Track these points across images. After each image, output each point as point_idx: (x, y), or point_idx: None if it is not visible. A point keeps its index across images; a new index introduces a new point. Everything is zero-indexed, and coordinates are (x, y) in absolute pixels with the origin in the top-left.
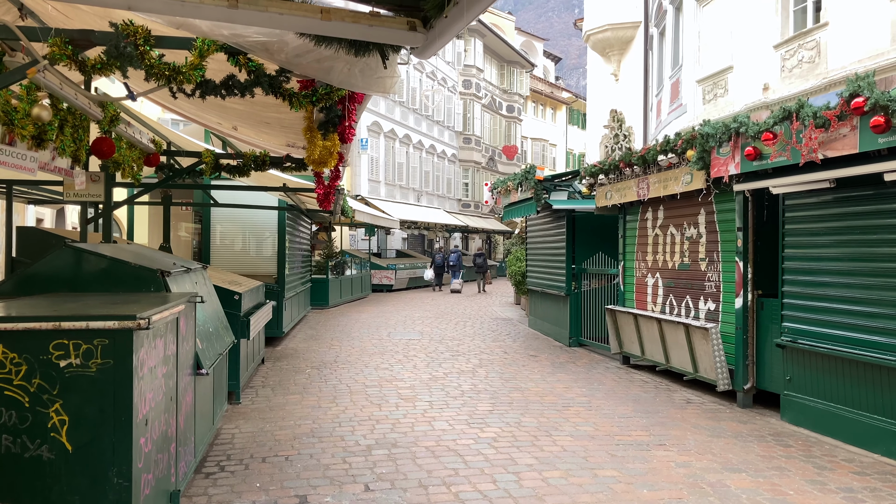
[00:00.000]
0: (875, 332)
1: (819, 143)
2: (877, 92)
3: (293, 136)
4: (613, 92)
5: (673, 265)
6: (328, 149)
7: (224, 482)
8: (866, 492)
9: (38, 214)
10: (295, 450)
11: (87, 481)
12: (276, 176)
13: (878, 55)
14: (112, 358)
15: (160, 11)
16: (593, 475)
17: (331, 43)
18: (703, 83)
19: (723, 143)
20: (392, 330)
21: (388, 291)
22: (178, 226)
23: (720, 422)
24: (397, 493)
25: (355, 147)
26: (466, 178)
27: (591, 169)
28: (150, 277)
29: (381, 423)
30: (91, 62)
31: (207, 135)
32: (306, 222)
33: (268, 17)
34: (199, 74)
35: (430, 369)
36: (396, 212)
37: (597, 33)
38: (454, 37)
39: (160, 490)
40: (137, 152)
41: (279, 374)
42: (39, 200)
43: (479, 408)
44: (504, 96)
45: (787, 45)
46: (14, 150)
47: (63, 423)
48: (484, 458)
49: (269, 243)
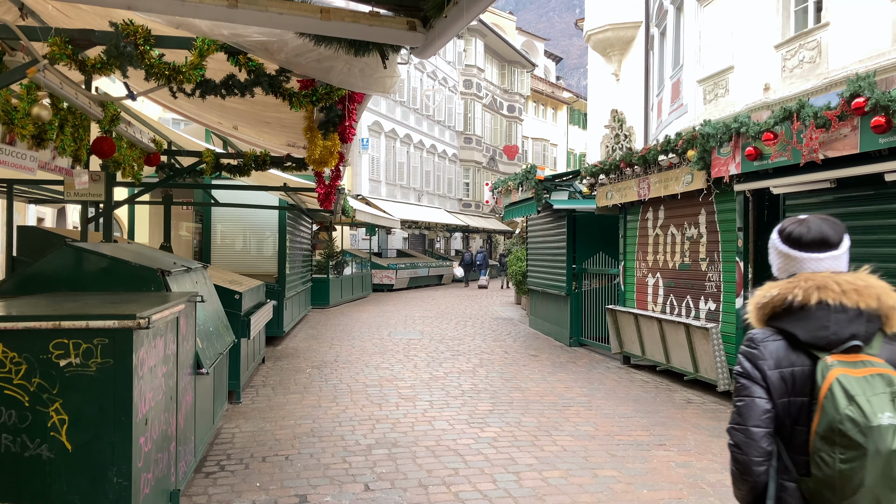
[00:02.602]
0: None
1: (820, 144)
2: (877, 92)
3: (294, 135)
4: (614, 92)
5: (673, 265)
6: (329, 148)
7: (224, 481)
8: None
9: (38, 214)
10: (295, 449)
11: (87, 480)
12: (276, 175)
13: (878, 55)
14: (112, 357)
15: (160, 11)
16: (593, 475)
17: (330, 43)
18: (704, 83)
19: (723, 143)
20: (392, 329)
21: (388, 291)
22: (179, 225)
23: (721, 422)
24: (397, 493)
25: (356, 147)
26: (467, 177)
27: (591, 169)
28: (151, 277)
29: (382, 423)
30: (91, 62)
31: (208, 134)
32: (307, 222)
33: (268, 17)
34: (199, 74)
35: (431, 369)
36: (397, 211)
37: (598, 33)
38: (454, 37)
39: (160, 489)
40: (138, 152)
41: (280, 374)
42: (40, 200)
43: (480, 407)
44: (505, 96)
45: (788, 46)
46: (14, 149)
47: (63, 423)
48: (484, 457)
49: (269, 243)
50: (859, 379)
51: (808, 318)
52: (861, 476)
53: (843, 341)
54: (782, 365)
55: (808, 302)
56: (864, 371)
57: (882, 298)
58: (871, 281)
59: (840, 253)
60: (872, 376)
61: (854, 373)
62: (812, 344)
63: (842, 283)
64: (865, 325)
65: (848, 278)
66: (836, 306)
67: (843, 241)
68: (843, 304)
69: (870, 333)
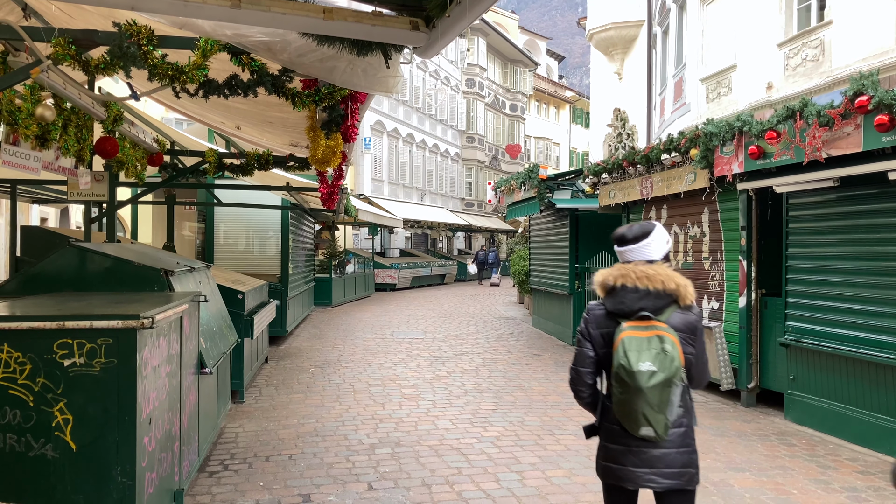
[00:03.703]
0: (879, 332)
1: (823, 142)
2: (881, 90)
3: (296, 135)
4: (617, 91)
5: (676, 264)
6: (331, 148)
7: (228, 481)
8: (870, 491)
9: (42, 214)
10: (298, 449)
11: (91, 480)
12: (279, 175)
13: (882, 53)
14: (116, 357)
15: (163, 11)
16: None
17: (333, 42)
18: (707, 82)
19: (726, 141)
20: (395, 329)
21: (391, 290)
22: (182, 225)
23: (724, 421)
24: (400, 492)
25: (359, 146)
26: (470, 177)
27: (594, 168)
28: (154, 277)
29: (385, 422)
30: (94, 62)
31: (211, 134)
32: (310, 221)
33: (270, 17)
34: (203, 74)
35: (434, 368)
36: (400, 211)
37: (600, 32)
38: (457, 36)
39: (164, 489)
40: (141, 152)
41: (283, 373)
42: (43, 200)
43: (483, 407)
44: (507, 95)
45: (791, 44)
46: (18, 149)
47: (67, 423)
48: (487, 456)
49: (272, 242)
50: (641, 339)
51: (615, 296)
52: (632, 403)
53: (634, 312)
54: (601, 327)
55: (615, 285)
56: (649, 333)
57: (665, 283)
58: (660, 271)
59: (636, 247)
60: (652, 337)
61: (640, 334)
62: (615, 313)
63: (637, 272)
64: (653, 301)
65: (642, 269)
66: (630, 288)
67: (643, 238)
68: (636, 286)
69: (658, 307)
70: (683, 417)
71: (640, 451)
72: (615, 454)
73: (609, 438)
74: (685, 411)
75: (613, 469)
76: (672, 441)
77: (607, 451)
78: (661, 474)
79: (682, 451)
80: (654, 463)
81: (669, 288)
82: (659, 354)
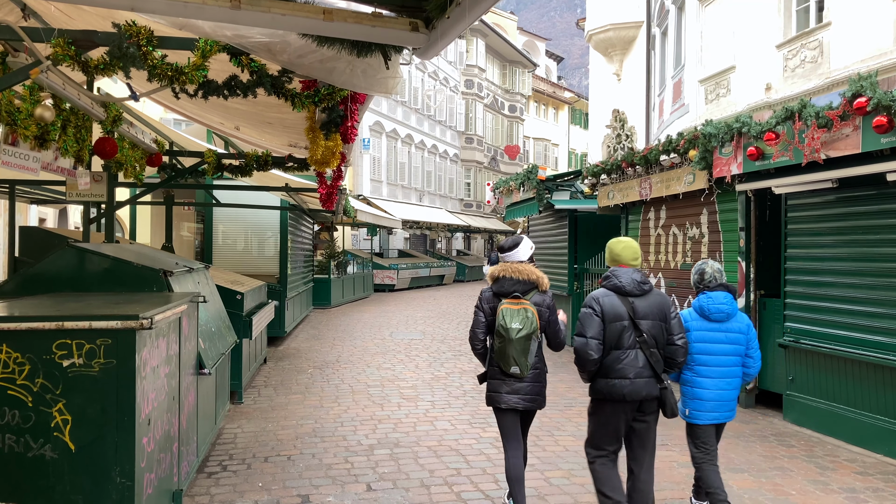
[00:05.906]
0: (877, 333)
1: (821, 143)
2: (879, 92)
3: (295, 136)
4: (616, 92)
5: (675, 265)
6: (330, 149)
7: (226, 481)
8: (869, 492)
9: (40, 214)
10: (297, 449)
11: (90, 480)
12: (278, 176)
13: (880, 55)
14: (115, 358)
15: (163, 12)
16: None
17: (333, 43)
18: (706, 83)
19: (725, 143)
20: (394, 330)
21: (390, 291)
22: (181, 226)
23: None
24: (399, 493)
25: (357, 147)
26: (468, 177)
27: (593, 169)
28: (153, 277)
29: (384, 423)
30: (94, 63)
31: (210, 135)
32: (308, 222)
33: (270, 18)
34: (202, 75)
35: (433, 369)
36: (398, 212)
37: (599, 33)
38: (456, 37)
39: (163, 489)
40: (140, 152)
41: (281, 374)
42: (42, 200)
43: (482, 407)
44: (506, 96)
45: (790, 45)
46: (17, 150)
47: (66, 423)
48: (486, 457)
49: (271, 243)
50: (513, 309)
51: (499, 283)
52: (506, 349)
53: (510, 293)
54: (489, 302)
55: (500, 276)
56: (518, 306)
57: (529, 275)
58: (527, 268)
59: (511, 253)
60: (520, 308)
61: (513, 306)
62: (499, 293)
63: (514, 268)
64: (522, 286)
65: (517, 266)
66: (508, 278)
67: (515, 248)
68: (513, 276)
69: (526, 290)
70: (539, 363)
71: (510, 383)
72: (495, 385)
73: (492, 376)
74: (539, 360)
75: (494, 396)
76: (530, 377)
77: (490, 385)
78: (523, 399)
79: (536, 384)
80: (518, 391)
81: (532, 278)
82: (524, 319)
